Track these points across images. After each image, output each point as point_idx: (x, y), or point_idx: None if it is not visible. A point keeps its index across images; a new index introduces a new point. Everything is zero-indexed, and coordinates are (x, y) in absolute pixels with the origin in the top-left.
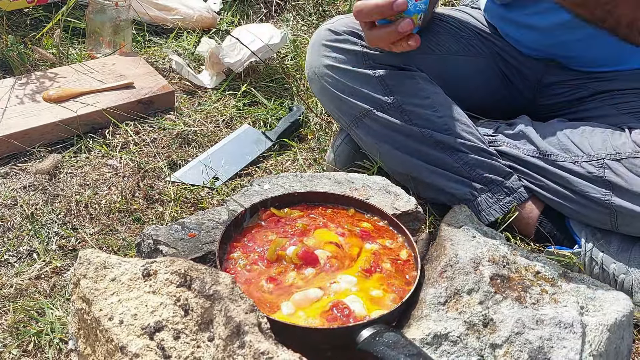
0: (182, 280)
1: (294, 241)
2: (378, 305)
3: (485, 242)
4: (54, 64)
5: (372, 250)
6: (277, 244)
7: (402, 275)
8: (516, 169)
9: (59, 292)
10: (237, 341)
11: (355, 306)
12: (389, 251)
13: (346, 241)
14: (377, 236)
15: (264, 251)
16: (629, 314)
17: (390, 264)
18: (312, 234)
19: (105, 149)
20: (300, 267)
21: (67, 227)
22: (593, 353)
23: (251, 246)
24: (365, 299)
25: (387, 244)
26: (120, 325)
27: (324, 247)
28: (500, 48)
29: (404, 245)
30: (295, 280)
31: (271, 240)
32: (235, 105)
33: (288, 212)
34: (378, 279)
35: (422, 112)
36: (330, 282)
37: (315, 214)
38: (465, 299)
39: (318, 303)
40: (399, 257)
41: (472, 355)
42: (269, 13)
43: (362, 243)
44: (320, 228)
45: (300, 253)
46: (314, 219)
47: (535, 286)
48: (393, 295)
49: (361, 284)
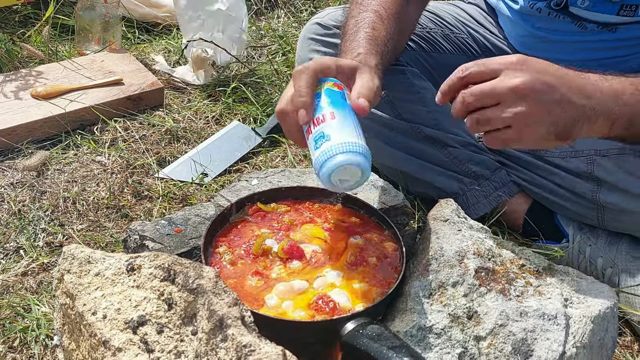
0: (166, 274)
1: (280, 236)
2: (363, 298)
3: (471, 235)
4: (43, 61)
5: (358, 244)
6: (262, 239)
7: (388, 268)
8: (505, 164)
9: (45, 288)
10: (219, 334)
11: (340, 299)
12: (375, 245)
13: (332, 235)
14: (363, 230)
15: (249, 246)
16: (613, 305)
17: (375, 258)
18: (298, 229)
19: (94, 146)
20: (286, 261)
21: (54, 223)
22: (577, 345)
23: (237, 241)
24: (350, 292)
25: (374, 237)
26: (103, 319)
27: (310, 242)
28: (493, 46)
29: (391, 238)
30: (281, 274)
31: (257, 235)
32: (225, 101)
33: (275, 207)
34: (363, 273)
35: (411, 107)
36: (316, 275)
37: (302, 209)
38: (450, 291)
39: (304, 295)
40: (385, 250)
41: (455, 347)
42: (260, 10)
43: (348, 237)
44: (307, 223)
45: (286, 247)
46: (301, 214)
47: (519, 279)
48: (378, 288)
49: (347, 278)
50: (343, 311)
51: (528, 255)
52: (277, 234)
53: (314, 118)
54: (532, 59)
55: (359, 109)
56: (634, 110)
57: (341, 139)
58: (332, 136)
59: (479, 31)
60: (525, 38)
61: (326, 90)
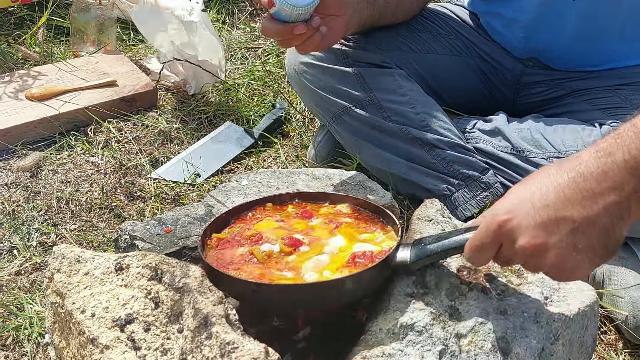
0: (153, 273)
1: (269, 240)
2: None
3: None
4: (38, 63)
5: (329, 212)
6: (256, 250)
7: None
8: (492, 165)
9: (38, 287)
10: (204, 332)
11: (367, 247)
12: (362, 226)
13: (316, 225)
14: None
15: (250, 259)
16: (592, 304)
17: (352, 218)
18: (266, 231)
19: (87, 147)
20: (291, 253)
21: (47, 223)
22: (556, 342)
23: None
24: (366, 241)
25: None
26: (92, 318)
27: (296, 228)
28: (480, 48)
29: (382, 224)
30: (299, 261)
31: (247, 251)
32: (218, 102)
33: (229, 231)
34: (357, 227)
35: (399, 109)
36: (323, 249)
37: (249, 220)
38: (432, 290)
39: (332, 263)
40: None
41: (437, 345)
42: (255, 11)
43: (331, 225)
44: (259, 223)
45: (287, 241)
46: (248, 222)
47: (501, 277)
48: (380, 230)
49: (349, 238)
50: (379, 254)
51: None
52: (257, 242)
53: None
54: (514, 188)
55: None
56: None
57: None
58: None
59: (466, 31)
60: None
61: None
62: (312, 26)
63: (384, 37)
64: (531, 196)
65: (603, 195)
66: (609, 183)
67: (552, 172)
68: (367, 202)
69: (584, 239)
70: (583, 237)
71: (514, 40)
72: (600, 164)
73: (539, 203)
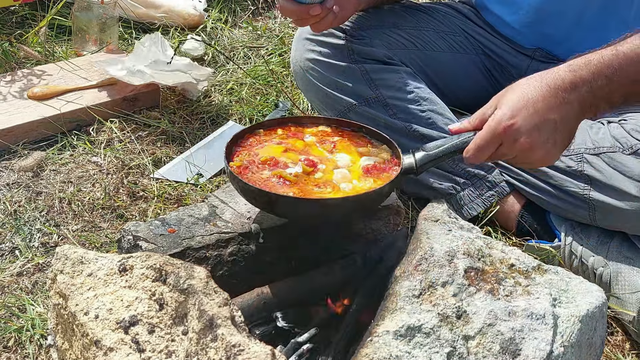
0: (158, 274)
1: (287, 163)
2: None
3: (461, 235)
4: (40, 62)
5: (339, 141)
6: (284, 173)
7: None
8: (498, 164)
9: (40, 288)
10: (210, 334)
11: (370, 160)
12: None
13: (311, 142)
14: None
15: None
16: (601, 305)
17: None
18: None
19: (90, 146)
20: (313, 172)
21: (49, 224)
22: (564, 344)
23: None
24: (374, 155)
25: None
26: (95, 319)
27: (296, 146)
28: (485, 45)
29: (366, 139)
30: (324, 178)
31: (268, 177)
32: (221, 102)
33: (240, 160)
34: (356, 145)
35: (405, 106)
36: (336, 163)
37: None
38: (440, 291)
39: (352, 174)
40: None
41: (444, 347)
42: (257, 10)
43: (328, 145)
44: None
45: (305, 163)
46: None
47: (509, 278)
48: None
49: (355, 157)
50: (382, 163)
51: (518, 255)
52: (275, 166)
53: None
54: (507, 97)
55: None
56: (623, 73)
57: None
58: None
59: (471, 29)
60: None
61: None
62: (326, 7)
63: (390, 34)
64: (525, 104)
65: (572, 102)
66: (576, 93)
67: (536, 84)
68: (344, 120)
69: (560, 136)
70: (560, 134)
71: (520, 27)
72: (571, 78)
73: (532, 109)
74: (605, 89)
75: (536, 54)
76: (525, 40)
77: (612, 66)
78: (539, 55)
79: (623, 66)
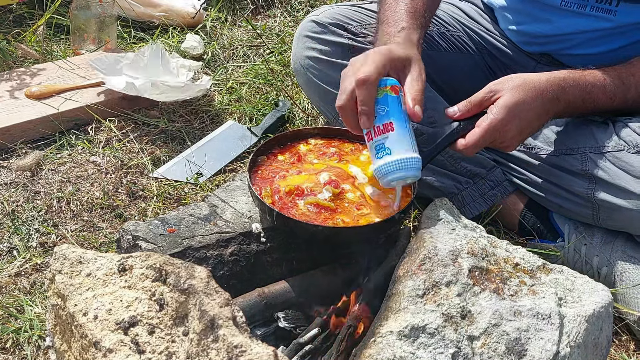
0: (158, 274)
1: (313, 190)
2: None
3: (465, 234)
4: (38, 61)
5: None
6: (321, 201)
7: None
8: (500, 163)
9: (38, 289)
10: (211, 335)
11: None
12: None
13: (314, 162)
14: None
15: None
16: (607, 305)
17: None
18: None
19: (88, 146)
20: (341, 192)
21: (47, 224)
22: (571, 344)
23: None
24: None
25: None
26: (94, 320)
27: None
28: (489, 44)
29: (351, 142)
30: (355, 197)
31: (304, 211)
32: (221, 101)
33: (265, 193)
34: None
35: None
36: (354, 179)
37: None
38: (444, 291)
39: (372, 183)
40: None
41: (449, 347)
42: (256, 9)
43: (332, 159)
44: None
45: (333, 184)
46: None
47: (513, 278)
48: None
49: (361, 166)
50: None
51: (522, 254)
52: (301, 196)
53: (375, 126)
54: (505, 97)
55: (414, 116)
56: (571, 91)
57: (400, 155)
58: (393, 150)
59: (475, 29)
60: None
61: (384, 97)
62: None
63: None
64: (519, 112)
65: (549, 112)
66: (556, 108)
67: (532, 94)
68: (324, 128)
69: (533, 132)
70: (533, 131)
71: (530, 48)
72: (557, 92)
73: (523, 118)
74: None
75: (542, 59)
76: (532, 47)
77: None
78: (545, 60)
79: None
